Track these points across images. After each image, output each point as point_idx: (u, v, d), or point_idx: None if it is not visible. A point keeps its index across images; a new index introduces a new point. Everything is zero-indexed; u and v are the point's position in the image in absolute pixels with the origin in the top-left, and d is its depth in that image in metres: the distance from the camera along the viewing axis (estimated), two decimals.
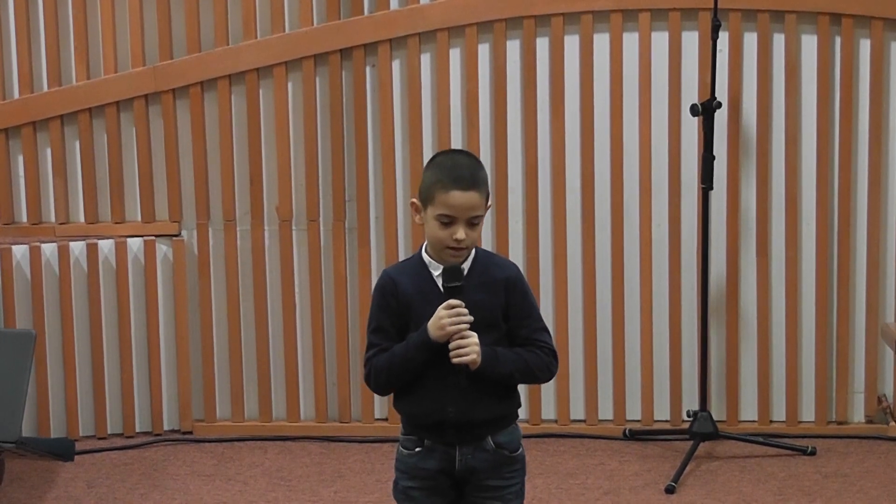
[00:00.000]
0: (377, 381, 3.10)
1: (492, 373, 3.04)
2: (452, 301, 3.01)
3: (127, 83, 5.15)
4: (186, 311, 5.23)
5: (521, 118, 5.12)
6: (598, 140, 5.10)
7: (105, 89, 5.15)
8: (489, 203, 3.10)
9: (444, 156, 3.15)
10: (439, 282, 3.07)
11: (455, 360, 2.99)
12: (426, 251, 3.11)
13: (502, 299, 3.09)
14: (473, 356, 2.99)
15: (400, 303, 3.08)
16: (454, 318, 2.99)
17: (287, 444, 5.18)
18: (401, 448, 3.16)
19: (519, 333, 3.11)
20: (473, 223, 3.04)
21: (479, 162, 3.10)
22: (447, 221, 3.02)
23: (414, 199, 3.10)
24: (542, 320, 3.15)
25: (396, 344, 3.07)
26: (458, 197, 3.00)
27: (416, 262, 3.12)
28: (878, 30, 4.99)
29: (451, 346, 3.00)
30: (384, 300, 3.10)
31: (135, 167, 5.21)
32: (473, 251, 3.10)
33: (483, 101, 5.12)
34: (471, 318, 3.01)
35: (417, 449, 3.12)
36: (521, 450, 3.16)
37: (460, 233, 3.02)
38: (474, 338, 3.00)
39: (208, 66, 5.13)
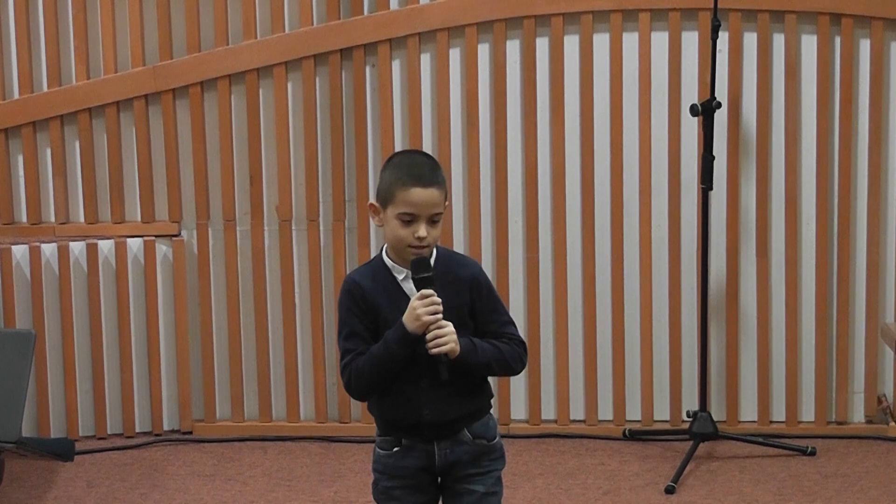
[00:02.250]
0: (358, 384, 3.07)
1: (472, 361, 3.04)
2: (425, 291, 2.99)
3: (127, 83, 5.15)
4: (186, 312, 5.23)
5: (521, 118, 5.12)
6: (598, 140, 5.10)
7: (105, 89, 5.15)
8: (447, 202, 3.09)
9: (402, 156, 3.16)
10: (404, 286, 3.06)
11: (434, 351, 2.98)
12: (387, 254, 3.09)
13: (468, 298, 3.09)
14: (452, 344, 2.98)
15: (368, 305, 3.06)
16: (429, 308, 2.98)
17: (287, 444, 5.18)
18: (378, 449, 3.15)
19: (488, 329, 3.11)
20: (434, 220, 3.03)
21: (437, 161, 3.10)
22: (408, 220, 3.01)
23: (372, 202, 3.08)
24: (507, 313, 3.16)
25: (373, 346, 3.05)
26: (419, 194, 3.00)
27: (378, 267, 3.10)
28: (878, 30, 4.99)
29: (428, 336, 2.98)
30: (353, 304, 3.08)
31: (135, 167, 5.21)
32: (435, 251, 3.09)
33: (483, 101, 5.12)
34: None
35: (395, 449, 3.12)
36: (498, 438, 3.16)
37: (422, 230, 3.01)
38: (450, 326, 2.99)
39: (208, 66, 5.13)
